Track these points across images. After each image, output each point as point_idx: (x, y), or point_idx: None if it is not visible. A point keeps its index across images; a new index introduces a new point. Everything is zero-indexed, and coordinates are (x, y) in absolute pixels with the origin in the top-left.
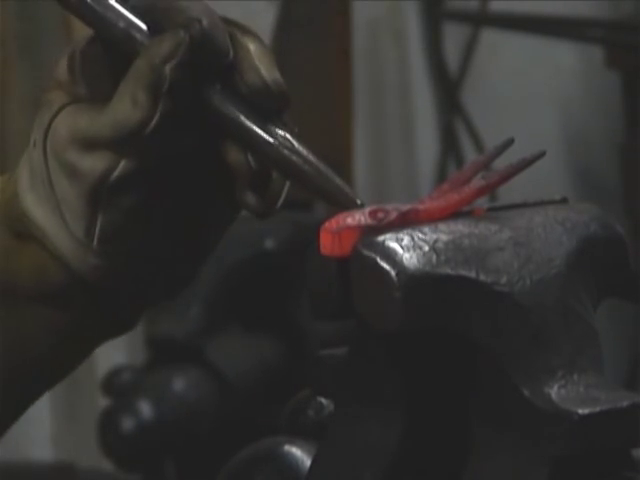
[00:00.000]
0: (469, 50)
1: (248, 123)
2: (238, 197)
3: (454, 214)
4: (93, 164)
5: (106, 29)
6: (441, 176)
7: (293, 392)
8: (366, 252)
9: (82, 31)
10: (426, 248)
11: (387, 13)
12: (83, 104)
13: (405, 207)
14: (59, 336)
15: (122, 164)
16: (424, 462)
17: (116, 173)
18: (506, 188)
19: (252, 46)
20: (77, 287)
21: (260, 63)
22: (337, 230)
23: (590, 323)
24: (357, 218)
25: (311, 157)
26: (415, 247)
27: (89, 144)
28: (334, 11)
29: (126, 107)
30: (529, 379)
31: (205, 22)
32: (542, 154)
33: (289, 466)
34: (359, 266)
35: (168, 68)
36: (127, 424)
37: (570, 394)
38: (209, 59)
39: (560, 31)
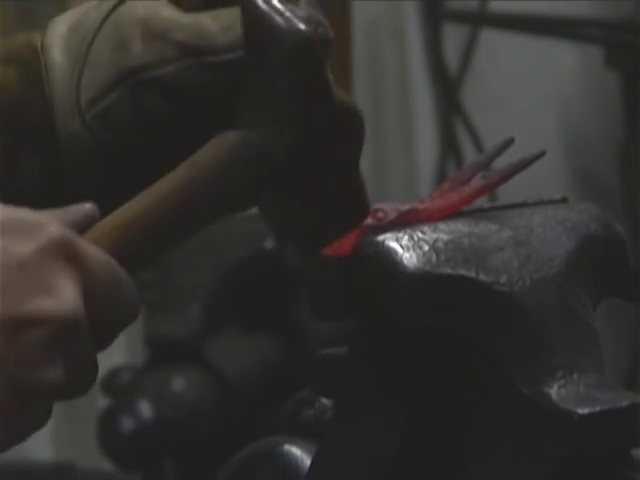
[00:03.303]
0: (469, 50)
1: None
2: None
3: (454, 214)
4: (143, 54)
5: None
6: (441, 176)
7: (293, 392)
8: (366, 252)
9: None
10: (426, 248)
11: (387, 13)
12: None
13: (405, 207)
14: None
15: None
16: (424, 462)
17: (154, 72)
18: (506, 188)
19: None
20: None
21: None
22: None
23: (590, 323)
24: None
25: None
26: (415, 247)
27: (157, 35)
28: (334, 11)
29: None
30: (529, 379)
31: None
32: (542, 154)
33: (289, 465)
34: (359, 266)
35: None
36: (127, 424)
37: (570, 394)
38: None
39: (560, 31)
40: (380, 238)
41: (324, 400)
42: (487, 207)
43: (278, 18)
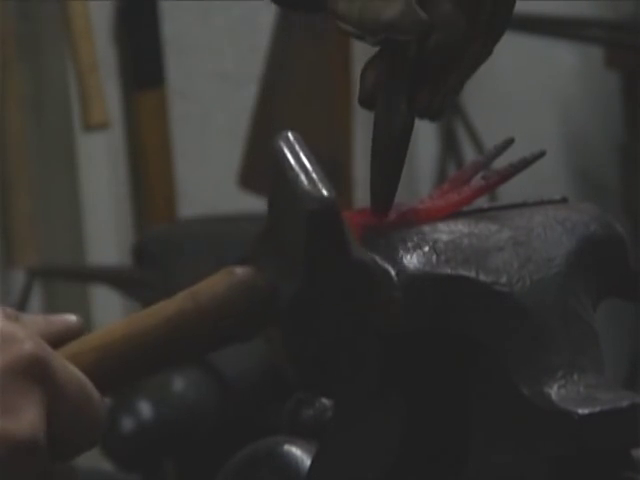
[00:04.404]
0: None
1: None
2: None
3: (454, 214)
4: None
5: None
6: (441, 176)
7: (293, 392)
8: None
9: (82, 31)
10: (426, 248)
11: None
12: None
13: (405, 207)
14: None
15: None
16: (424, 462)
17: None
18: (506, 188)
19: None
20: None
21: None
22: None
23: (590, 323)
24: (357, 218)
25: None
26: (415, 247)
27: None
28: None
29: None
30: (529, 379)
31: None
32: (542, 154)
33: (289, 466)
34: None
35: None
36: (127, 424)
37: (570, 394)
38: None
39: (560, 31)
40: (380, 238)
41: (324, 400)
42: (487, 207)
43: (303, 178)
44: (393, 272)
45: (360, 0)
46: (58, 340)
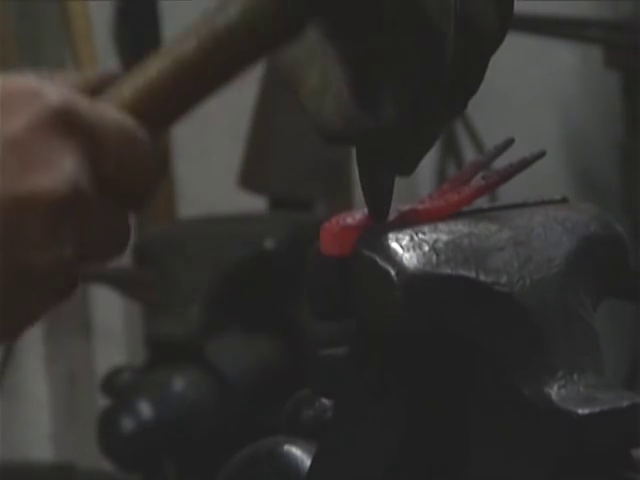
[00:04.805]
0: None
1: None
2: None
3: (454, 214)
4: None
5: None
6: (441, 176)
7: (293, 392)
8: (366, 252)
9: (82, 31)
10: (426, 248)
11: None
12: None
13: (405, 207)
14: None
15: None
16: (424, 462)
17: None
18: (506, 188)
19: None
20: None
21: None
22: (337, 230)
23: (590, 323)
24: (357, 218)
25: None
26: (415, 247)
27: None
28: None
29: None
30: (529, 379)
31: None
32: (542, 154)
33: (289, 466)
34: (359, 266)
35: None
36: (127, 424)
37: (570, 394)
38: None
39: (560, 31)
40: (380, 238)
41: (324, 400)
42: (487, 207)
43: None
44: (393, 272)
45: (319, 105)
46: (95, 88)
